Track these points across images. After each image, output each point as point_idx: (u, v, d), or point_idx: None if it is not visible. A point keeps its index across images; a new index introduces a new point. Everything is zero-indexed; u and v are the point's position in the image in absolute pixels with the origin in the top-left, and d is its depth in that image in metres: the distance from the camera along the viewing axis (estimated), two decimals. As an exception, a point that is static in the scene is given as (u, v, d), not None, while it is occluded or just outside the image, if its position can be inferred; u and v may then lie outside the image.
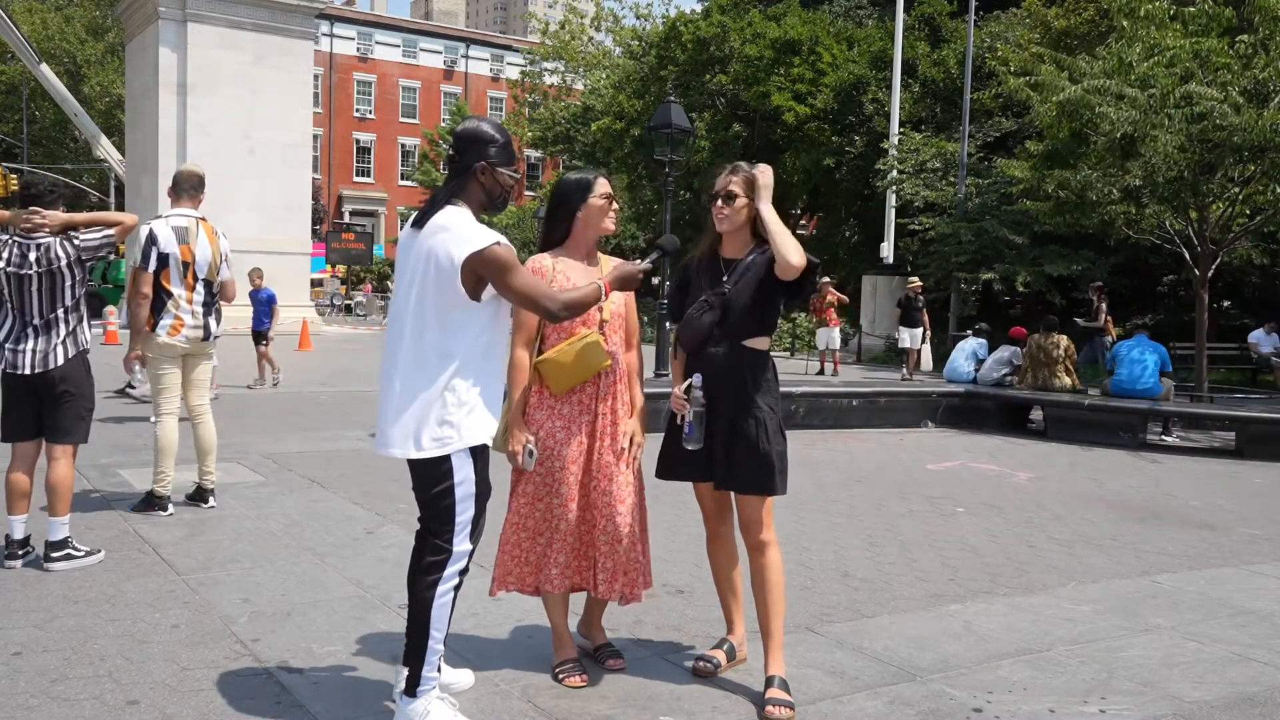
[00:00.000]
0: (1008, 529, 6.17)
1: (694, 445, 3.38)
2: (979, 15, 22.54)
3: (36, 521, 4.76)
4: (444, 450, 2.95)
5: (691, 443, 3.38)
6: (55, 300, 4.61)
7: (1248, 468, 8.88)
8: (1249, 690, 3.63)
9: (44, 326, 4.59)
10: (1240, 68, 11.06)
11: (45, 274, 4.57)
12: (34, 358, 4.56)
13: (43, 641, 3.68)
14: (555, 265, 3.44)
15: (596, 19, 38.24)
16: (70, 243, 4.64)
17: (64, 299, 4.64)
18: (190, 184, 5.87)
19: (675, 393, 3.43)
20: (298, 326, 20.27)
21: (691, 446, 3.39)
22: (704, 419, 3.37)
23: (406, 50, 56.62)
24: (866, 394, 11.19)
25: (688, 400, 3.37)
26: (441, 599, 2.98)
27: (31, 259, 4.55)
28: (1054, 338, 11.20)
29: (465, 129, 3.09)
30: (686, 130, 14.21)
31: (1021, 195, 15.08)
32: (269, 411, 10.27)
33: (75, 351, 4.65)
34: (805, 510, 6.32)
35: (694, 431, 3.37)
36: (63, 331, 4.63)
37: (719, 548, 3.65)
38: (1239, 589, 4.94)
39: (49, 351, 4.58)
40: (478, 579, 3.79)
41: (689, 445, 3.39)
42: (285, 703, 3.23)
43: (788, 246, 3.26)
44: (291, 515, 5.78)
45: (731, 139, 26.93)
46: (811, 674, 3.61)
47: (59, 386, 4.60)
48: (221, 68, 23.49)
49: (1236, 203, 12.30)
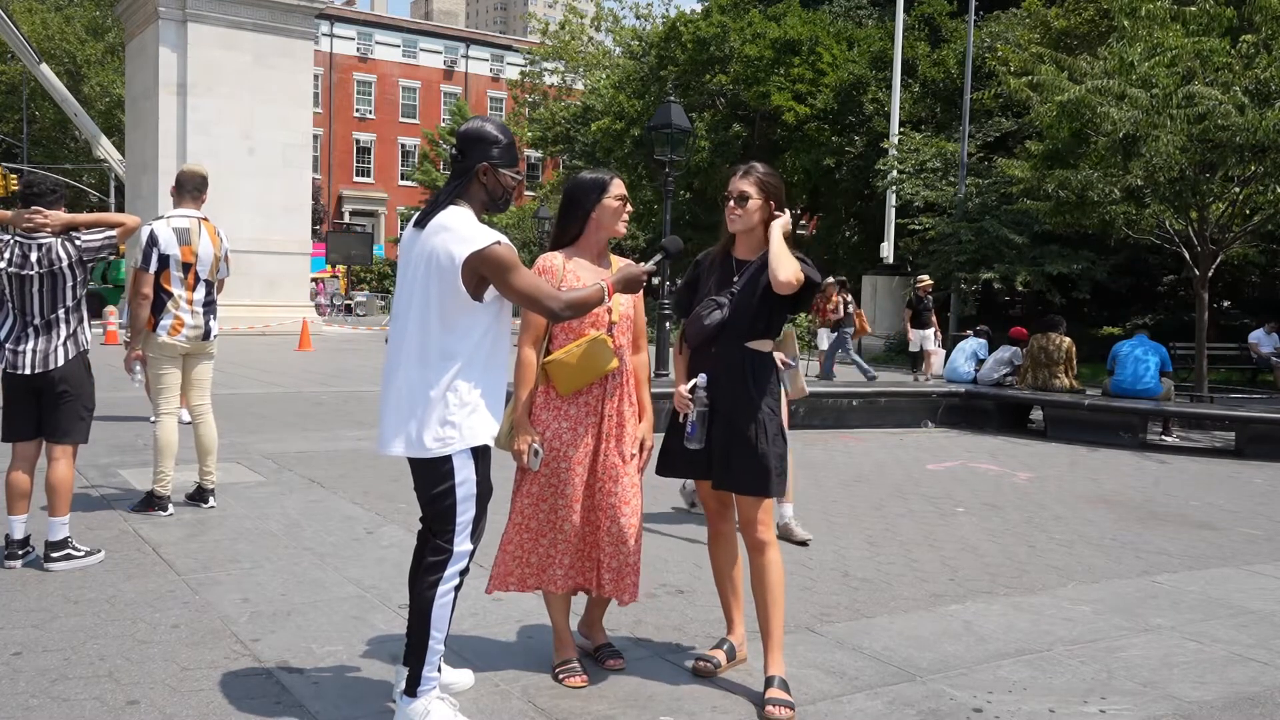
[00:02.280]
0: (1008, 529, 6.18)
1: (696, 445, 3.39)
2: (979, 15, 22.55)
3: (36, 522, 4.76)
4: (445, 450, 2.95)
5: (694, 442, 3.39)
6: (56, 301, 4.61)
7: (1248, 468, 8.88)
8: (1249, 690, 3.63)
9: (45, 327, 4.59)
10: (1242, 67, 11.06)
11: (47, 274, 4.57)
12: (34, 358, 4.56)
13: (43, 641, 3.68)
14: (567, 265, 3.43)
15: (596, 19, 38.25)
16: (71, 243, 4.63)
17: (65, 299, 4.64)
18: (193, 184, 5.88)
19: (680, 391, 3.44)
20: (298, 326, 20.28)
21: (694, 446, 3.39)
22: (707, 419, 3.37)
23: (406, 50, 56.62)
24: (866, 394, 11.19)
25: (692, 400, 3.37)
26: (442, 599, 2.98)
27: (33, 259, 4.55)
28: (1055, 338, 11.19)
29: (469, 129, 3.09)
30: (686, 130, 14.21)
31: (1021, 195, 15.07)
32: (269, 411, 10.27)
33: (76, 352, 4.65)
34: (805, 510, 6.31)
35: (696, 431, 3.37)
36: (64, 332, 4.63)
37: (721, 546, 3.65)
38: (1239, 589, 4.94)
39: (49, 352, 4.58)
40: (479, 579, 3.79)
41: (691, 445, 3.40)
42: (285, 703, 3.23)
43: (780, 263, 3.30)
44: (291, 515, 5.78)
45: (731, 139, 26.92)
46: (811, 674, 3.61)
47: (58, 386, 4.60)
48: (221, 68, 23.49)
49: (1237, 203, 12.30)
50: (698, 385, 3.37)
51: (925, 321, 16.22)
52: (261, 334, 21.82)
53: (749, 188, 3.43)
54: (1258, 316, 18.73)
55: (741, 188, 3.44)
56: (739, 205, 3.43)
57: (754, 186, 3.43)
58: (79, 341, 4.68)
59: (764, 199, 3.43)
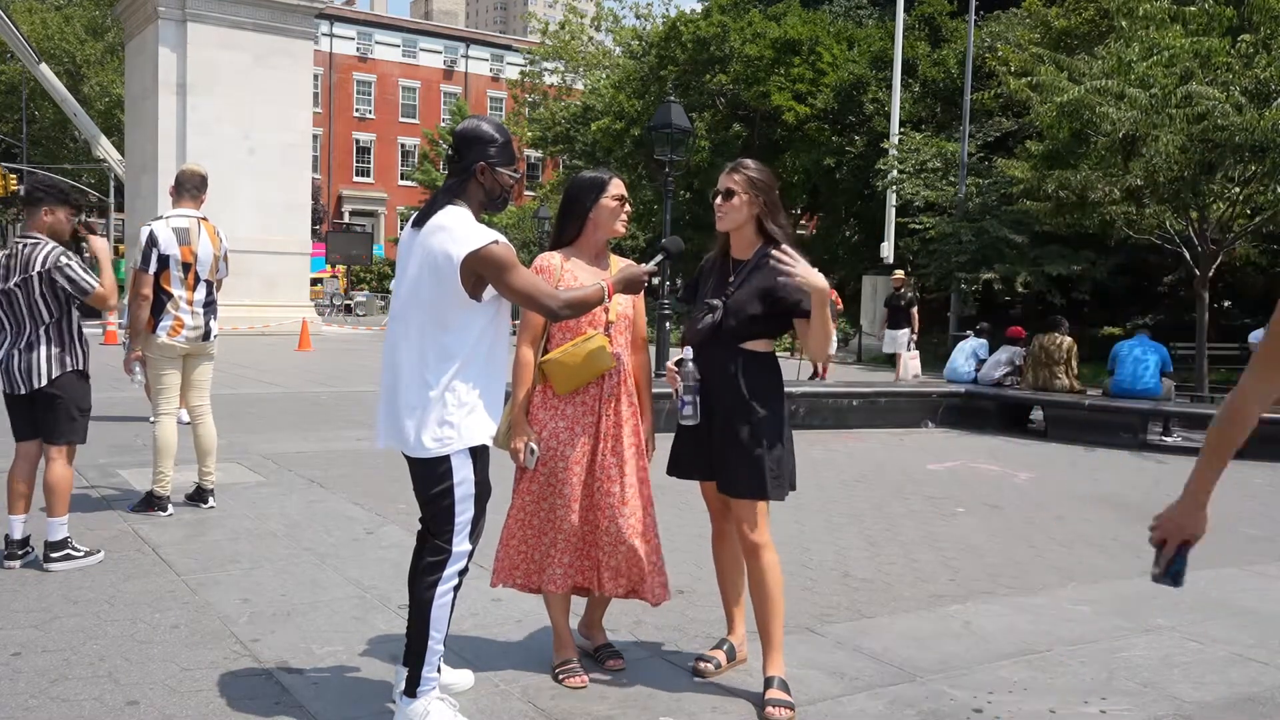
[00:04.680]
0: (1008, 529, 6.17)
1: (689, 421, 3.33)
2: (979, 15, 22.53)
3: (37, 522, 4.75)
4: (444, 450, 2.95)
5: (687, 419, 3.33)
6: (36, 317, 4.58)
7: (1248, 468, 8.87)
8: (1249, 690, 3.63)
9: (27, 346, 4.58)
10: (1241, 67, 11.06)
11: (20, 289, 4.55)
12: (19, 376, 4.56)
13: (43, 641, 3.68)
14: (564, 265, 3.43)
15: (596, 19, 38.24)
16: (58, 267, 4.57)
17: (42, 316, 4.58)
18: (193, 184, 5.87)
19: (669, 366, 3.42)
20: (298, 327, 20.27)
21: (687, 422, 3.34)
22: (697, 392, 3.31)
23: (406, 50, 56.61)
24: (866, 394, 11.18)
25: (680, 373, 3.33)
26: (441, 599, 2.98)
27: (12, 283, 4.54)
28: (1056, 337, 11.19)
29: (465, 128, 3.09)
30: (686, 130, 14.20)
31: (1021, 195, 15.07)
32: (269, 411, 10.27)
33: (61, 371, 4.60)
34: (805, 510, 6.31)
35: (688, 407, 3.30)
36: (46, 350, 4.58)
37: (723, 545, 3.63)
38: (1239, 589, 4.94)
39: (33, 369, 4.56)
40: (478, 579, 3.79)
41: (684, 421, 3.34)
42: (285, 703, 3.23)
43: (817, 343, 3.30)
44: (291, 515, 5.78)
45: (731, 139, 26.92)
46: (811, 674, 3.60)
47: (50, 391, 4.60)
48: (221, 68, 23.49)
49: (1237, 203, 12.30)
50: (685, 359, 3.33)
51: (899, 321, 14.99)
52: (261, 334, 21.82)
53: (735, 184, 3.41)
54: (1257, 316, 18.72)
55: (728, 184, 3.42)
56: (725, 201, 3.42)
57: (740, 183, 3.40)
58: (64, 363, 4.62)
59: (752, 195, 3.40)
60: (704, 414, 3.34)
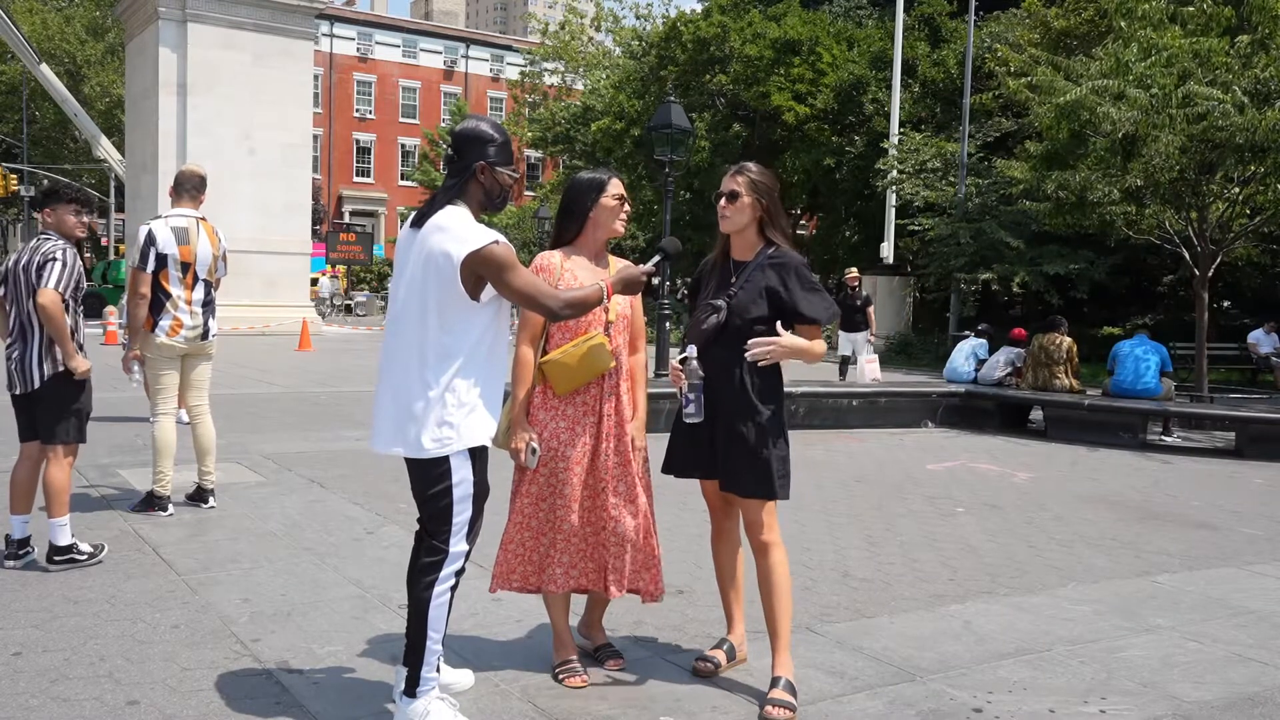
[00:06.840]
0: (1008, 529, 6.17)
1: (694, 419, 3.33)
2: (979, 15, 22.55)
3: (38, 522, 4.76)
4: (443, 451, 2.95)
5: (691, 417, 3.33)
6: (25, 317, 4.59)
7: (1248, 468, 8.88)
8: (1249, 690, 3.63)
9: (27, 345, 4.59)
10: (1240, 67, 11.06)
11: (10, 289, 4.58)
12: (19, 376, 4.58)
13: (43, 641, 3.68)
14: (564, 264, 3.43)
15: (596, 19, 38.25)
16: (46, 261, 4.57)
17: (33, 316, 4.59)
18: (192, 184, 5.87)
19: (672, 364, 3.43)
20: (298, 326, 20.26)
21: (690, 420, 3.35)
22: (701, 390, 3.31)
23: (406, 50, 56.59)
24: (866, 394, 11.18)
25: (684, 371, 3.34)
26: (438, 599, 2.98)
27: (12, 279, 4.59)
28: (1056, 338, 11.19)
29: (464, 129, 3.09)
30: (686, 130, 14.18)
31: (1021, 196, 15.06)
32: (269, 411, 10.27)
33: (54, 371, 4.61)
34: (805, 510, 6.32)
35: (692, 405, 3.31)
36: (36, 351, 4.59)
37: (723, 544, 3.64)
38: (1239, 589, 4.94)
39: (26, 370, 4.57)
40: (479, 579, 3.79)
41: (689, 420, 3.35)
42: (285, 703, 3.23)
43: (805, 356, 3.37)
44: (291, 515, 5.78)
45: (731, 139, 26.92)
46: (811, 674, 3.60)
47: (43, 392, 4.60)
48: (221, 68, 23.48)
49: (1237, 203, 12.29)
50: (689, 357, 3.34)
51: (855, 323, 13.85)
52: (261, 334, 21.82)
53: (739, 186, 3.43)
54: (1257, 316, 18.72)
55: (731, 186, 3.44)
56: (729, 203, 3.43)
57: (744, 185, 3.42)
58: (57, 363, 4.60)
59: (754, 198, 3.42)
60: (706, 413, 3.34)
